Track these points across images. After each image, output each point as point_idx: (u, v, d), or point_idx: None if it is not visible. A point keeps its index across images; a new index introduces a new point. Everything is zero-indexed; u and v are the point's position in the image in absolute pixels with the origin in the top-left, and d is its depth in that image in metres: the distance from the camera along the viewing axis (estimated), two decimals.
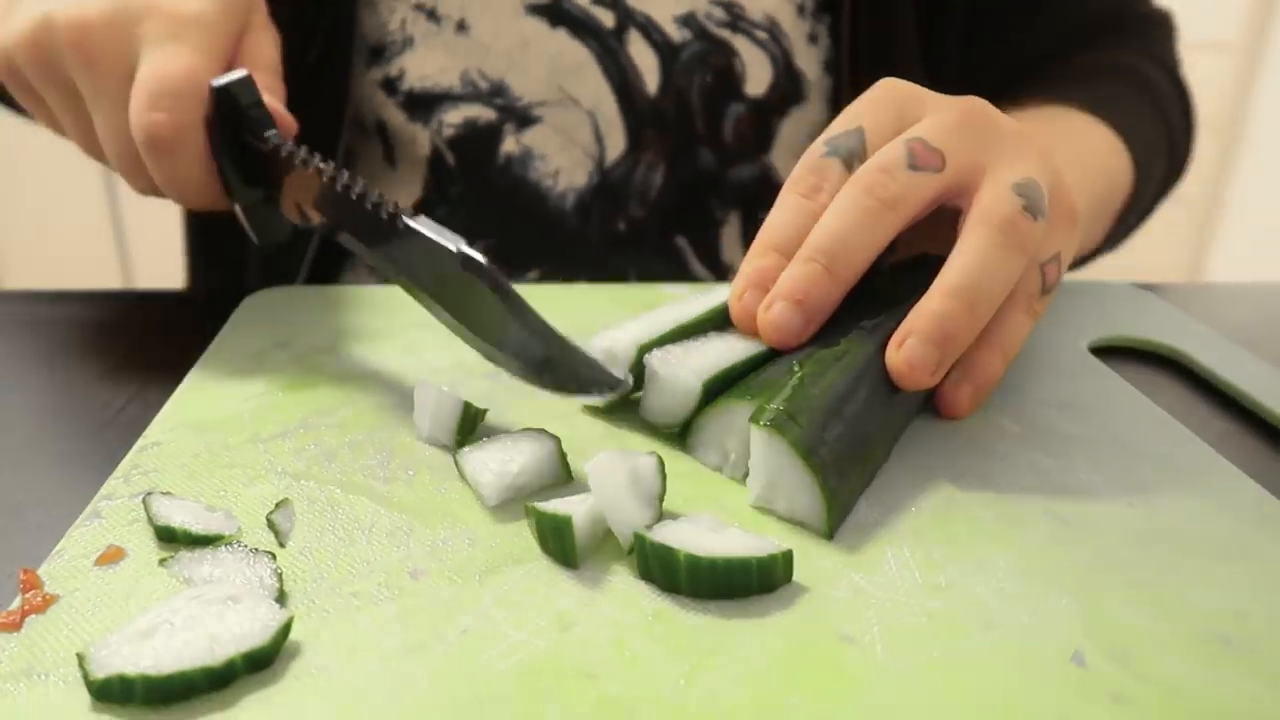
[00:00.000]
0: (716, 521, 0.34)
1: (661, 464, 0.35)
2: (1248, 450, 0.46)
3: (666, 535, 0.32)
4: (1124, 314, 0.60)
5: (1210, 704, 0.28)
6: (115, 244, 2.25)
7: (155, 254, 2.27)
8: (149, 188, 0.50)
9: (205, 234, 0.76)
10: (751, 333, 0.43)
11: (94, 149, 0.50)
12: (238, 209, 0.50)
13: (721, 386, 0.40)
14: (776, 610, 0.31)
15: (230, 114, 0.47)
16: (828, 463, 0.35)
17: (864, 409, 0.38)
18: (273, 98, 0.49)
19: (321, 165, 0.44)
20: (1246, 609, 0.32)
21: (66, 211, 2.20)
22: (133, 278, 2.29)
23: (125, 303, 0.61)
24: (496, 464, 0.37)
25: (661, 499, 0.35)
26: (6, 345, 0.54)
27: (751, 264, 0.43)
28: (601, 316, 0.55)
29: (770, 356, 0.42)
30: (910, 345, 0.39)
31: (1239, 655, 0.30)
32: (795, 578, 0.33)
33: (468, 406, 0.40)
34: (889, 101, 0.45)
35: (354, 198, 0.43)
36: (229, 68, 0.49)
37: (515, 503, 0.37)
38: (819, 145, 0.44)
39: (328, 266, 0.70)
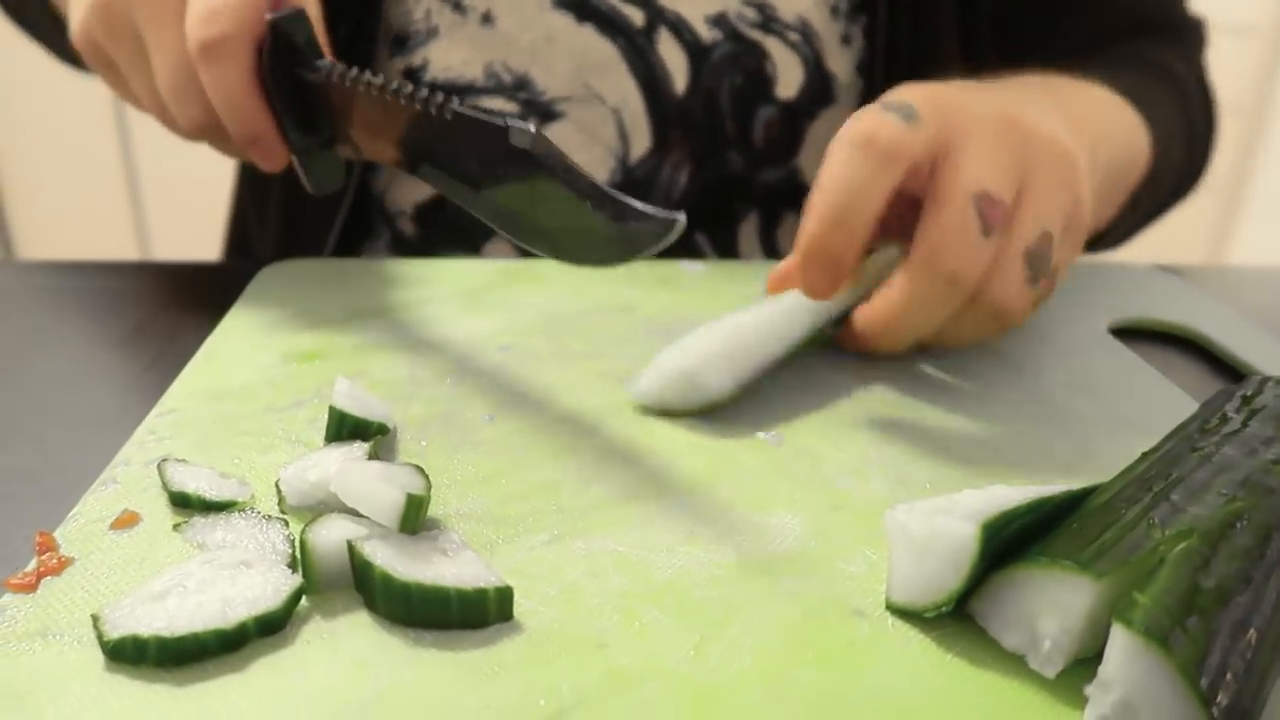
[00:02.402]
0: (460, 543, 0.31)
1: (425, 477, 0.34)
2: None
3: (379, 549, 0.30)
4: (1145, 295, 0.59)
5: None
6: (132, 216, 2.26)
7: (171, 226, 2.28)
8: (198, 117, 0.49)
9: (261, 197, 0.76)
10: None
11: (155, 101, 0.51)
12: (294, 157, 0.49)
13: (1008, 538, 0.29)
14: (788, 583, 0.31)
15: (283, 51, 0.46)
16: (1229, 709, 0.24)
17: (1274, 627, 0.26)
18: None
19: (371, 79, 0.43)
20: None
21: (83, 183, 2.21)
22: (149, 249, 2.30)
23: (142, 273, 0.61)
24: (303, 467, 0.35)
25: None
26: (25, 314, 0.55)
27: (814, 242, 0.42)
28: (615, 291, 0.55)
29: (1078, 496, 0.31)
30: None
31: None
32: (809, 551, 0.33)
33: (337, 414, 0.37)
34: (926, 100, 0.43)
35: (402, 100, 0.42)
36: None
37: (503, 479, 0.37)
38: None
39: (347, 245, 0.70)
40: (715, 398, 0.42)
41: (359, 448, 0.36)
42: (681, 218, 0.35)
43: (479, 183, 0.41)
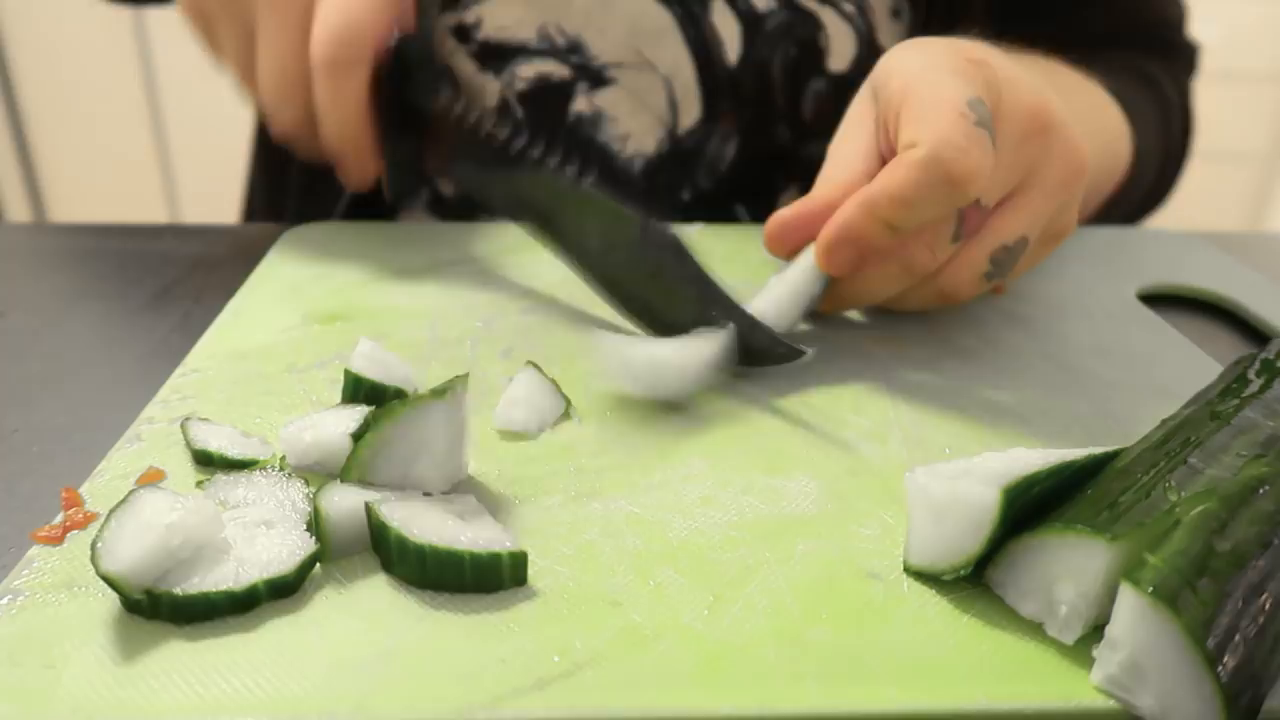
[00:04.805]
0: (476, 507, 0.32)
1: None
2: None
3: (395, 511, 0.30)
4: (1175, 261, 0.58)
5: None
6: (161, 180, 2.29)
7: (201, 189, 2.30)
8: (296, 120, 0.51)
9: (276, 163, 0.76)
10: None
11: (248, 76, 0.52)
12: (385, 162, 0.51)
13: (1029, 503, 0.28)
14: (803, 546, 0.31)
15: (398, 71, 0.48)
16: (1236, 671, 0.24)
17: None
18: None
19: (494, 130, 0.46)
20: None
21: (113, 148, 2.23)
22: (179, 212, 2.32)
23: (170, 236, 0.61)
24: (301, 427, 0.34)
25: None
26: (56, 276, 0.55)
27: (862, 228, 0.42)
28: None
29: (1100, 460, 0.30)
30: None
31: None
32: (826, 514, 0.33)
33: (352, 377, 0.37)
34: (985, 85, 0.42)
35: (533, 159, 0.44)
36: None
37: (538, 436, 0.37)
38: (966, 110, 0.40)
39: (385, 204, 0.69)
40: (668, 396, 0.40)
41: (359, 411, 0.36)
42: (810, 352, 0.40)
43: (593, 254, 0.44)
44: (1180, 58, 0.77)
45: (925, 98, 0.41)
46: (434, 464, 0.32)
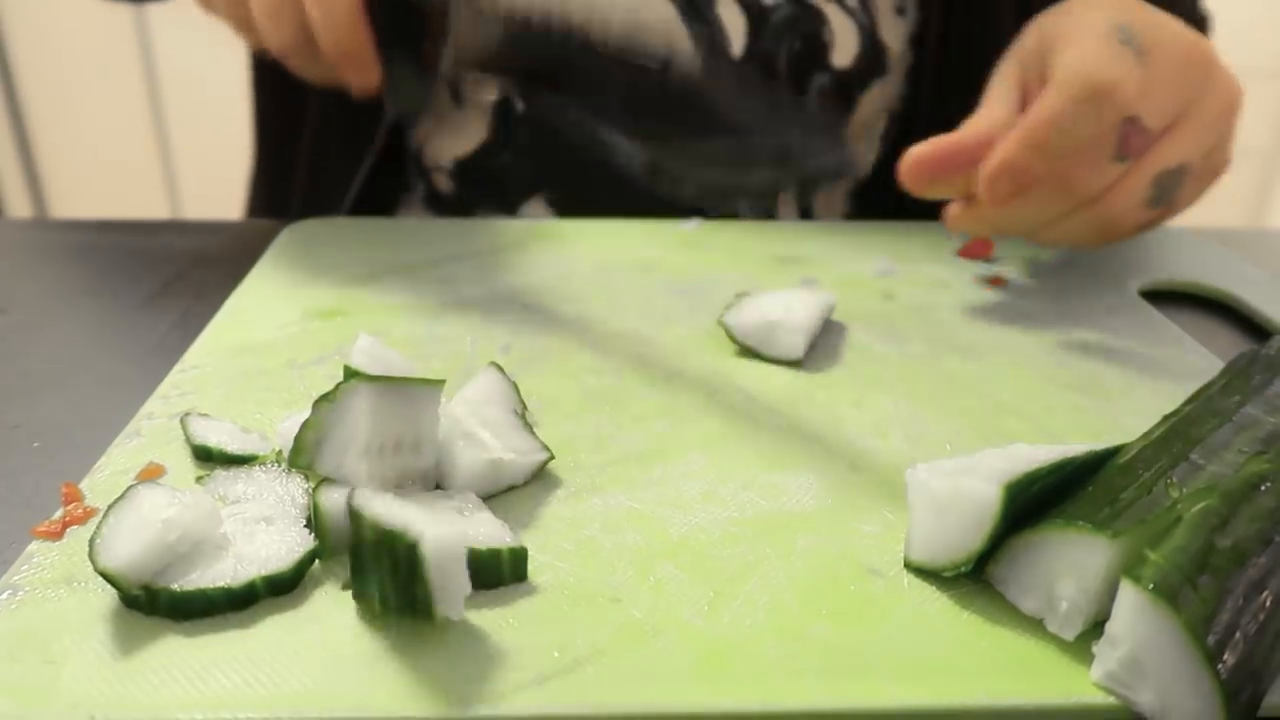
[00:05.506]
0: (477, 503, 0.31)
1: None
2: None
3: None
4: (1176, 257, 0.58)
5: None
6: (163, 175, 2.28)
7: (203, 185, 2.29)
8: (292, 37, 0.49)
9: (276, 159, 0.76)
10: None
11: (239, 15, 0.51)
12: (385, 70, 0.49)
13: (1030, 499, 0.28)
14: (804, 542, 0.31)
15: None
16: (1236, 668, 0.23)
17: None
18: None
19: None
20: None
21: (115, 142, 2.23)
22: (181, 208, 2.32)
23: (170, 231, 0.61)
24: (297, 422, 0.33)
25: None
26: (56, 272, 0.55)
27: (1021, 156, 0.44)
28: (636, 250, 0.55)
29: (1102, 456, 0.30)
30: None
31: None
32: (827, 510, 0.32)
33: (351, 373, 0.36)
34: (1136, 20, 0.45)
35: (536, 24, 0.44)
36: None
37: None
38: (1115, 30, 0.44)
39: (381, 199, 0.69)
40: (788, 355, 0.43)
41: None
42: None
43: (614, 107, 0.42)
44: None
45: (1072, 29, 0.44)
46: (361, 454, 0.30)
